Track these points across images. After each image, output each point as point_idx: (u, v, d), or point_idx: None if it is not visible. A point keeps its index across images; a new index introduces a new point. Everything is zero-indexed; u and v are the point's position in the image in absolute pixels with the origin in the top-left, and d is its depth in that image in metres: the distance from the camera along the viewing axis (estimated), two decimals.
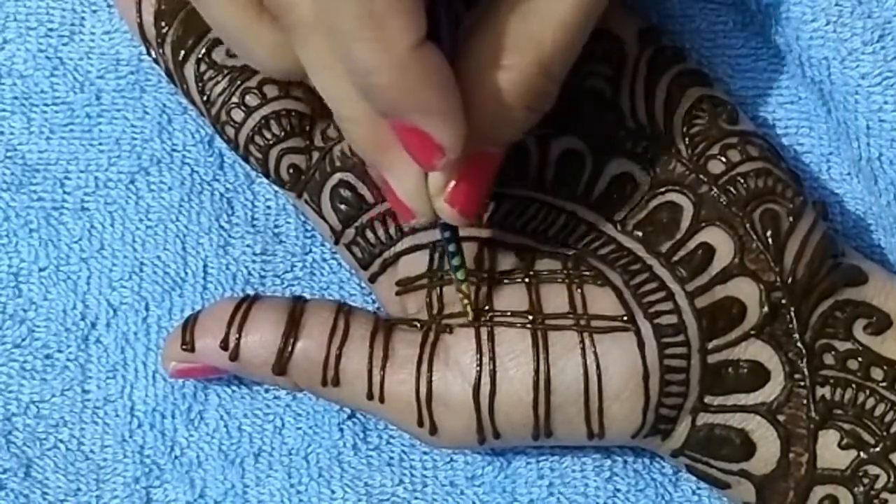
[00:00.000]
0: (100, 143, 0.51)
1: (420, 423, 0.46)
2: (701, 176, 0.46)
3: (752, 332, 0.45)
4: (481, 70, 0.40)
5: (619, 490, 0.49)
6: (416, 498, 0.50)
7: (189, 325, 0.47)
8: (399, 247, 0.47)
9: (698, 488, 0.49)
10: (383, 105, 0.38)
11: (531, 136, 0.47)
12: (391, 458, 0.50)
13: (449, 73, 0.38)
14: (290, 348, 0.46)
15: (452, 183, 0.41)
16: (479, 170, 0.42)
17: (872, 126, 0.47)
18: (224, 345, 0.46)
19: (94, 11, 0.51)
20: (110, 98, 0.51)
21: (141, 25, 0.48)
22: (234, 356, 0.46)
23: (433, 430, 0.46)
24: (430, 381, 0.45)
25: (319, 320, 0.46)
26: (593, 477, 0.50)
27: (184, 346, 0.47)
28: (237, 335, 0.46)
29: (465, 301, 0.45)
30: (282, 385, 0.47)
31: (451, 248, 0.45)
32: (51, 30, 0.51)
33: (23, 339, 0.50)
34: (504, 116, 0.40)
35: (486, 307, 0.45)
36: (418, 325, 0.46)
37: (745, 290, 0.45)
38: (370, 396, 0.46)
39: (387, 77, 0.37)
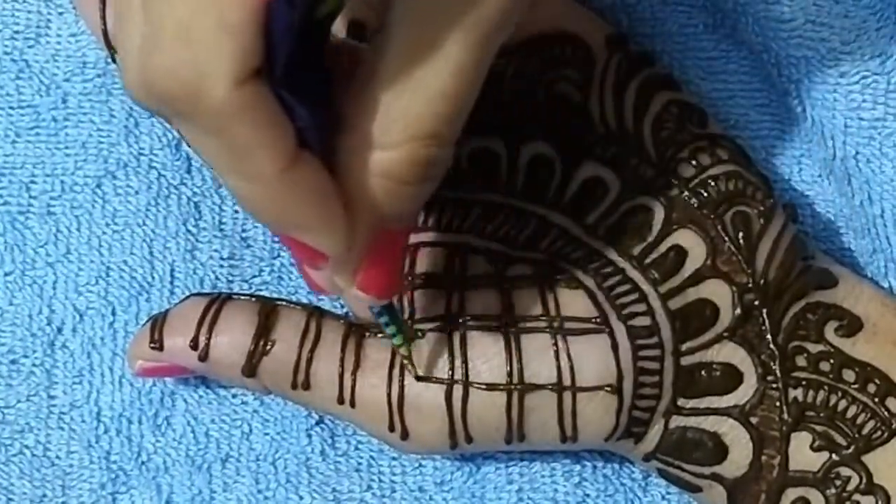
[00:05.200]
0: (66, 147, 0.50)
1: (391, 428, 0.45)
2: (671, 179, 0.46)
3: (725, 335, 0.45)
4: (363, 154, 0.37)
5: (588, 495, 0.49)
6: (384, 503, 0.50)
7: (158, 323, 0.47)
8: None
9: (667, 493, 0.49)
10: (264, 223, 0.38)
11: (500, 141, 0.46)
12: (359, 463, 0.50)
13: (324, 183, 0.36)
14: (260, 350, 0.46)
15: (360, 272, 0.40)
16: (387, 251, 0.40)
17: (850, 124, 0.47)
18: (194, 344, 0.46)
19: (61, 14, 0.51)
20: (77, 101, 0.50)
21: (105, 33, 0.48)
22: (204, 356, 0.46)
23: (405, 434, 0.45)
24: (401, 386, 0.45)
25: (291, 323, 0.46)
26: (562, 482, 0.49)
27: (152, 345, 0.47)
28: (207, 335, 0.46)
29: (406, 362, 0.45)
30: (251, 387, 0.47)
31: (383, 320, 0.44)
32: (16, 32, 0.51)
33: None
34: (399, 194, 0.37)
35: (458, 311, 0.45)
36: None
37: (718, 291, 0.45)
38: (341, 401, 0.45)
39: (259, 203, 0.36)
